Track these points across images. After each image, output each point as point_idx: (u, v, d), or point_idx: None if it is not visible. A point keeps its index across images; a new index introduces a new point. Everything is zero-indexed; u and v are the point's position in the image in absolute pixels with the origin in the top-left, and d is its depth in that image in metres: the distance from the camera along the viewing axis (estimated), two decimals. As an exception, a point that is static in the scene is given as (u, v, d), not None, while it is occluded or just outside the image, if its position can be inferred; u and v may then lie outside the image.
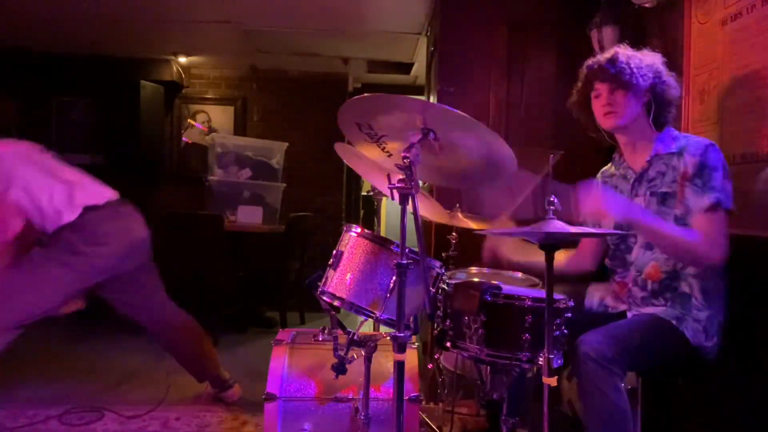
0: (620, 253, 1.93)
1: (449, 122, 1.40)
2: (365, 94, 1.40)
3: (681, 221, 1.75)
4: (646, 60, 1.82)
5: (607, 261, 2.01)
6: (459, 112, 1.34)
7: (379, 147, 1.57)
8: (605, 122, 1.87)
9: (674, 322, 1.72)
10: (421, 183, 1.88)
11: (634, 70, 1.78)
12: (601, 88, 1.85)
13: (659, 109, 1.84)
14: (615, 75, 1.79)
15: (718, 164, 1.71)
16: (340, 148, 1.92)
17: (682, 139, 1.83)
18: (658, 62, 1.84)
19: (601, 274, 2.06)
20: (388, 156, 1.60)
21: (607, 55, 1.85)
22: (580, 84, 1.94)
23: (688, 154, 1.75)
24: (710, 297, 1.75)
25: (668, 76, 1.84)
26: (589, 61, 1.90)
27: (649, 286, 1.83)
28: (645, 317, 1.78)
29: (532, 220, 1.49)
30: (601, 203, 1.66)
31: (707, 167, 1.71)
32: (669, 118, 1.88)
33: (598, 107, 1.88)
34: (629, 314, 1.87)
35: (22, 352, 3.63)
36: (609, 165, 2.06)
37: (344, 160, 2.05)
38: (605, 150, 2.15)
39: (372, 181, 2.20)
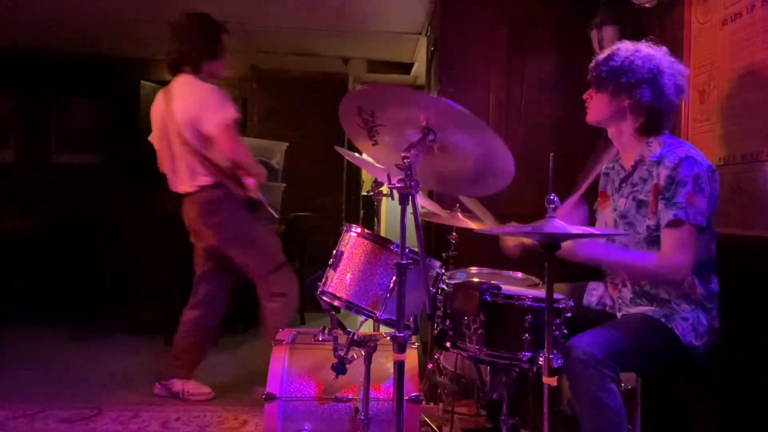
0: None
1: (455, 121, 1.40)
2: (388, 84, 1.40)
3: (654, 232, 1.74)
4: (641, 63, 1.76)
5: None
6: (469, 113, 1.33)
7: (369, 135, 1.53)
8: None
9: (663, 320, 1.72)
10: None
11: (604, 74, 1.79)
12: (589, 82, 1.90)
13: (645, 117, 1.80)
14: (590, 71, 1.85)
15: (687, 179, 1.67)
16: None
17: (666, 147, 1.78)
18: (659, 66, 1.76)
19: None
20: (373, 144, 1.56)
21: (607, 51, 1.85)
22: None
23: (663, 166, 1.73)
24: (691, 301, 1.75)
25: (660, 86, 1.75)
26: None
27: (632, 288, 1.84)
28: (634, 317, 1.79)
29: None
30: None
31: (675, 182, 1.68)
32: (660, 126, 1.82)
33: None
34: (619, 315, 1.88)
35: (22, 352, 3.66)
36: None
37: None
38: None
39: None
